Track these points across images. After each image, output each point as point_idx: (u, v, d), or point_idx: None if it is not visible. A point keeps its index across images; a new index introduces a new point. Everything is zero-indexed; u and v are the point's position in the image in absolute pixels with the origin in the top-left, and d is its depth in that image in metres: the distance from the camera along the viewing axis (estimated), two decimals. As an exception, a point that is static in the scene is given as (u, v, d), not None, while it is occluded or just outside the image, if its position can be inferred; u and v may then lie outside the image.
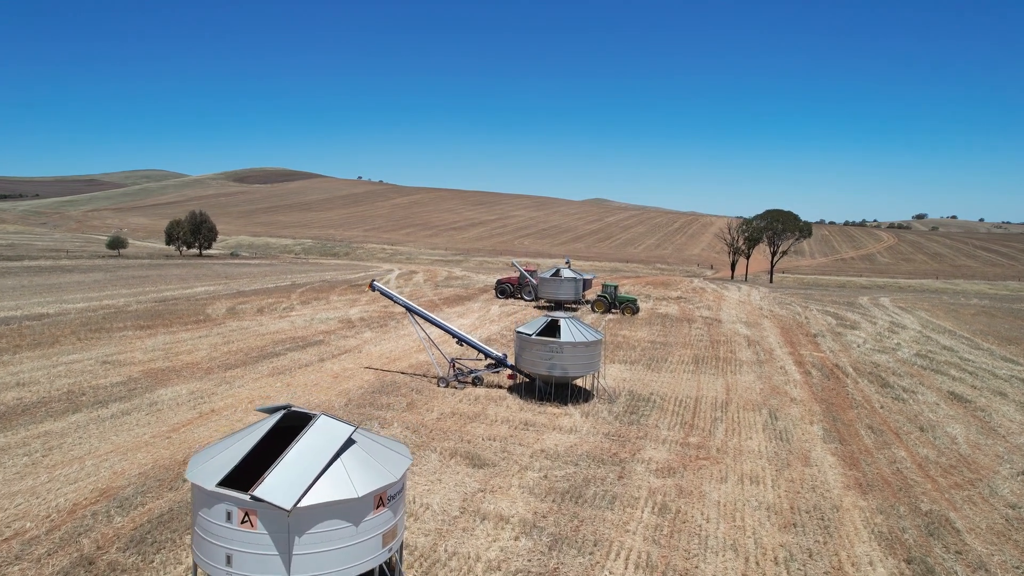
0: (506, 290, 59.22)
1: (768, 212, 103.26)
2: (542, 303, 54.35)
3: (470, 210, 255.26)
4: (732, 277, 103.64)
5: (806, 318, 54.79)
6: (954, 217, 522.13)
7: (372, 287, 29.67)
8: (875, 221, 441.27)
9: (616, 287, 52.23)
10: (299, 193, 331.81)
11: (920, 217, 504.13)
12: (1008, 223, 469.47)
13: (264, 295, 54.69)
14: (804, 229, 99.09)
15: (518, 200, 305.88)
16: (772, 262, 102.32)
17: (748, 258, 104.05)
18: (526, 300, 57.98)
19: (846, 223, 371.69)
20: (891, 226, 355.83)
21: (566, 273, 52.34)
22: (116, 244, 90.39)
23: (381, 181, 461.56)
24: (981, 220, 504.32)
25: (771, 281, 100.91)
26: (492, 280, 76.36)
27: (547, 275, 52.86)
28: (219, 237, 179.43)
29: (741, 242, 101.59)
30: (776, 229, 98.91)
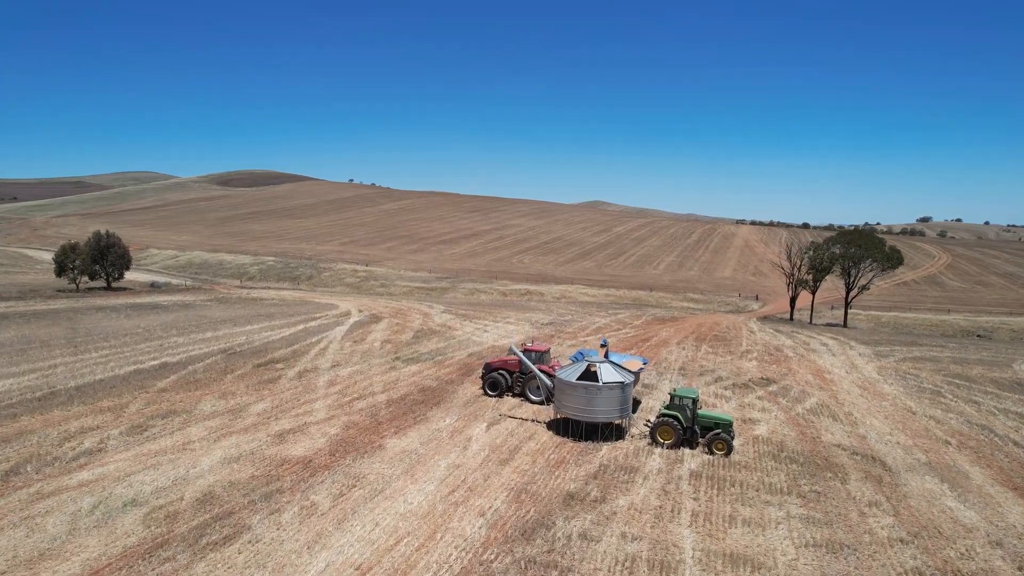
0: (499, 382, 36.36)
1: (843, 234, 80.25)
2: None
3: (463, 218, 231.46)
4: (792, 316, 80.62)
5: (1012, 442, 32.01)
6: (959, 220, 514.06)
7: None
8: (878, 223, 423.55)
9: (696, 400, 29.17)
10: (283, 198, 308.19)
11: (925, 220, 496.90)
12: (1014, 226, 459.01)
13: (86, 403, 31.75)
14: (893, 257, 75.25)
15: (516, 206, 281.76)
16: (847, 300, 78.71)
17: (814, 293, 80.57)
18: (533, 400, 35.26)
19: (853, 228, 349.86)
20: (903, 231, 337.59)
21: (607, 374, 29.27)
22: (-28, 280, 67.38)
23: (374, 184, 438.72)
24: (987, 223, 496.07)
25: (845, 324, 77.72)
26: (482, 339, 53.54)
27: (572, 375, 29.76)
28: (174, 252, 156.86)
29: (805, 271, 78.40)
30: (854, 256, 75.37)
